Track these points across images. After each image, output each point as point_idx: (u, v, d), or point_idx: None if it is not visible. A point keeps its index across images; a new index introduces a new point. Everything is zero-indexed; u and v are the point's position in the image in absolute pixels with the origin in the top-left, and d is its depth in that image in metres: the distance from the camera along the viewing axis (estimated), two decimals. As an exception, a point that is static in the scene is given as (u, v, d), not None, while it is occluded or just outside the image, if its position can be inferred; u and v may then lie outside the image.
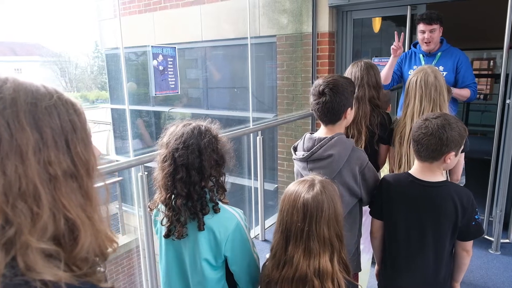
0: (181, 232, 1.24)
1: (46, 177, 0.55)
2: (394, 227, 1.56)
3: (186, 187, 1.21)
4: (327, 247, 1.13)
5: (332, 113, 1.60)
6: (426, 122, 1.44)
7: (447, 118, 1.45)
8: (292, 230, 1.14)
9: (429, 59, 2.88)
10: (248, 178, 4.38)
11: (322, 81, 1.61)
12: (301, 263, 1.11)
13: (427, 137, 1.42)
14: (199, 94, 5.89)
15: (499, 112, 3.05)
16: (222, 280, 1.33)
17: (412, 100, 1.95)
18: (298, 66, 4.26)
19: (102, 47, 6.98)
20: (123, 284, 6.35)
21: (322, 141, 1.59)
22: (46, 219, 0.54)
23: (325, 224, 1.12)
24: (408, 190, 1.51)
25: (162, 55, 2.50)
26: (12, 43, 30.12)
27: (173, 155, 1.21)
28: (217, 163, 1.26)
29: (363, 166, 1.62)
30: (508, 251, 3.13)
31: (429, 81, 1.91)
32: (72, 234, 0.57)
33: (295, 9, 4.23)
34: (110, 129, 7.37)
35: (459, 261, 1.55)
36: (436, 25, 2.73)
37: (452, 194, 1.44)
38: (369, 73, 2.07)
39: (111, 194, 6.46)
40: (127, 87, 2.44)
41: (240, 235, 1.27)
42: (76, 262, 0.58)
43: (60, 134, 0.58)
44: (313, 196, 1.13)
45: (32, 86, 0.57)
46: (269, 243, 3.45)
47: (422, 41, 2.81)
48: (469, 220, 1.45)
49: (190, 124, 1.27)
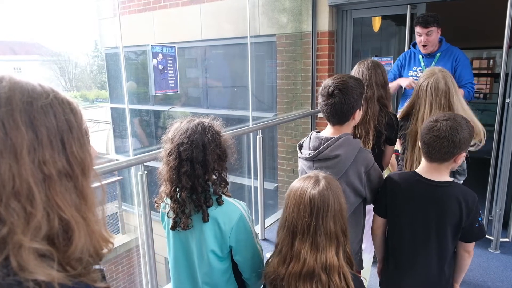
0: (186, 223, 1.29)
1: (41, 177, 0.55)
2: (398, 225, 1.56)
3: (191, 180, 1.27)
4: (333, 241, 1.15)
5: (340, 115, 1.60)
6: (437, 124, 1.42)
7: (457, 119, 1.43)
8: (299, 225, 1.15)
9: (428, 60, 2.88)
10: (248, 177, 4.38)
11: (332, 82, 1.59)
12: (308, 257, 1.13)
13: (439, 140, 1.40)
14: (199, 93, 5.89)
15: (498, 111, 3.05)
16: (228, 271, 1.39)
17: (422, 105, 1.93)
18: (298, 65, 4.26)
19: (102, 46, 6.97)
20: (123, 283, 6.35)
21: (329, 141, 1.58)
22: (40, 219, 0.54)
23: (331, 218, 1.14)
24: (414, 189, 1.50)
25: (162, 54, 2.50)
26: (11, 42, 30.08)
27: (178, 149, 1.27)
28: (220, 158, 1.32)
29: (369, 167, 1.62)
30: (508, 250, 3.13)
31: (439, 88, 1.89)
32: (66, 234, 0.57)
33: (295, 8, 4.23)
34: (109, 128, 7.37)
35: (460, 261, 1.55)
36: (433, 28, 2.73)
37: (458, 194, 1.44)
38: (376, 72, 2.04)
39: (111, 194, 6.48)
40: (127, 87, 2.44)
41: (244, 226, 1.32)
42: (70, 262, 0.57)
43: (56, 134, 0.57)
44: (320, 191, 1.15)
45: (28, 85, 0.57)
46: (269, 242, 3.46)
47: (420, 43, 2.82)
48: (473, 221, 1.44)
49: (194, 120, 1.32)
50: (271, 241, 3.47)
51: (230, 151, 1.36)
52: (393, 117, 2.05)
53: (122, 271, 6.38)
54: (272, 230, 3.69)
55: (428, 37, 2.75)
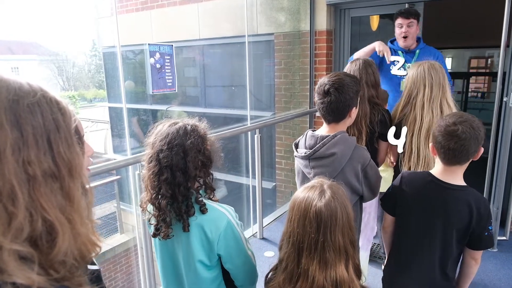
0: (166, 232, 1.23)
1: (24, 177, 0.53)
2: (405, 224, 1.55)
3: (171, 188, 1.20)
4: (343, 255, 1.08)
5: (336, 113, 1.60)
6: (458, 128, 1.37)
7: (468, 117, 1.41)
8: (305, 241, 1.07)
9: (408, 56, 2.86)
10: (246, 177, 4.37)
11: (328, 80, 1.59)
12: (317, 275, 1.05)
13: (466, 142, 1.36)
14: (196, 93, 5.88)
15: (496, 110, 3.06)
16: (218, 279, 1.33)
17: (422, 88, 1.91)
18: (296, 64, 4.26)
19: (100, 45, 6.95)
20: (121, 283, 6.34)
21: (324, 139, 1.58)
22: (22, 220, 0.52)
23: (339, 232, 1.07)
24: (426, 190, 1.48)
25: (159, 53, 2.49)
26: (9, 42, 29.95)
27: (158, 155, 1.21)
28: (203, 164, 1.24)
29: (366, 164, 1.61)
30: (505, 248, 3.14)
31: (436, 67, 1.91)
32: (50, 236, 0.55)
33: (293, 7, 4.23)
34: (108, 127, 7.35)
35: (466, 269, 1.53)
36: (414, 20, 2.75)
37: (470, 199, 1.41)
38: (367, 72, 2.06)
39: (109, 193, 6.45)
40: (125, 86, 2.43)
41: (232, 233, 1.26)
42: (54, 265, 0.55)
43: (42, 133, 0.56)
44: (326, 204, 1.07)
45: (15, 83, 0.56)
46: (267, 241, 3.46)
47: (400, 35, 2.81)
48: (483, 229, 1.42)
49: (176, 123, 1.25)
50: (270, 240, 3.47)
51: (216, 155, 1.29)
52: (385, 113, 2.07)
53: (121, 270, 6.37)
54: (270, 229, 3.69)
55: (408, 28, 2.75)
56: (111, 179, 5.50)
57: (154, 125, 1.30)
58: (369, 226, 2.42)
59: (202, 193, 1.29)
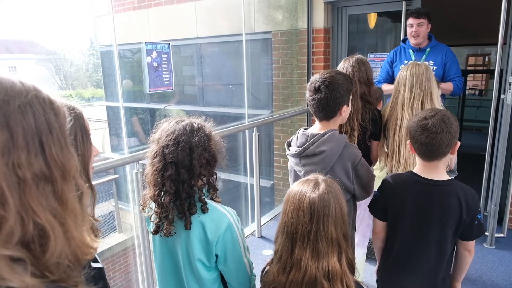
0: (168, 229, 1.22)
1: (15, 180, 0.51)
2: (398, 226, 1.54)
3: (175, 185, 1.20)
4: (335, 247, 1.10)
5: (327, 110, 1.59)
6: (428, 121, 1.40)
7: (440, 111, 1.44)
8: (299, 231, 1.10)
9: (418, 54, 2.95)
10: (244, 175, 4.37)
11: (319, 77, 1.59)
12: (309, 265, 1.07)
13: (438, 135, 1.38)
14: (194, 91, 5.87)
15: (493, 107, 3.06)
16: (217, 281, 1.32)
17: (402, 88, 1.96)
18: (294, 62, 4.26)
19: (97, 44, 6.93)
20: (119, 282, 6.34)
21: (314, 137, 1.59)
22: (13, 224, 0.51)
23: (332, 223, 1.09)
24: (413, 190, 1.48)
25: (156, 51, 2.48)
26: (6, 41, 29.80)
27: (163, 151, 1.20)
28: (208, 162, 1.24)
29: (356, 162, 1.61)
30: (503, 245, 3.15)
31: (419, 70, 1.95)
32: (42, 239, 0.54)
33: (290, 5, 4.22)
34: (105, 126, 7.33)
35: (461, 261, 1.54)
36: (424, 20, 2.84)
37: (458, 192, 1.42)
38: (360, 69, 2.07)
39: (107, 192, 6.44)
40: (123, 85, 2.42)
41: (231, 237, 1.25)
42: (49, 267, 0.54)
43: (34, 135, 0.54)
44: (319, 195, 1.10)
45: (7, 82, 0.54)
46: (265, 240, 3.46)
47: (410, 34, 2.92)
48: (473, 219, 1.43)
49: (183, 121, 1.25)
50: (268, 239, 3.47)
51: (221, 155, 1.28)
52: (376, 112, 2.09)
53: (119, 269, 6.37)
54: (268, 228, 3.69)
55: (419, 27, 2.86)
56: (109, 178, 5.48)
57: (160, 122, 1.29)
58: (364, 222, 2.42)
59: (205, 192, 1.29)
